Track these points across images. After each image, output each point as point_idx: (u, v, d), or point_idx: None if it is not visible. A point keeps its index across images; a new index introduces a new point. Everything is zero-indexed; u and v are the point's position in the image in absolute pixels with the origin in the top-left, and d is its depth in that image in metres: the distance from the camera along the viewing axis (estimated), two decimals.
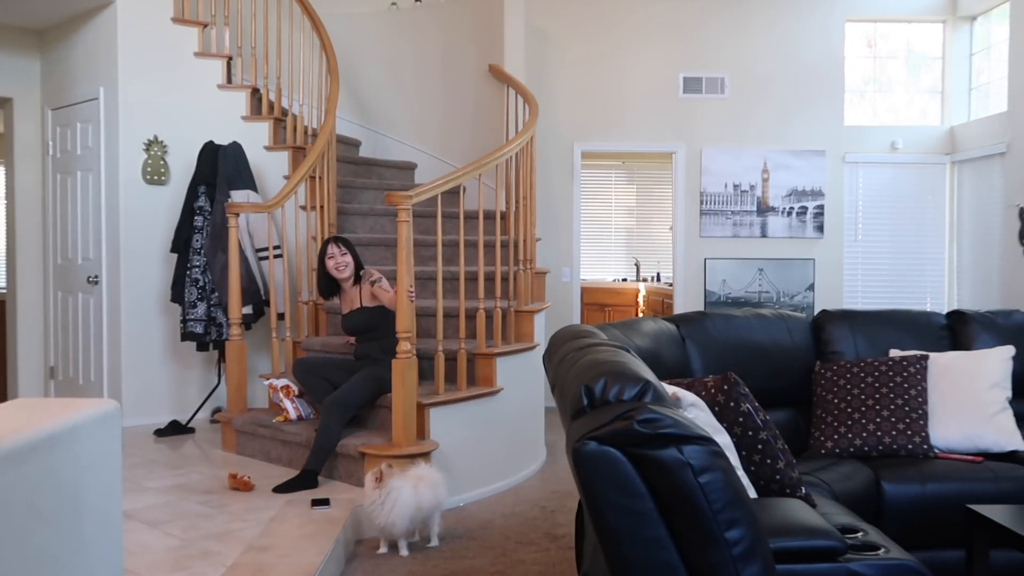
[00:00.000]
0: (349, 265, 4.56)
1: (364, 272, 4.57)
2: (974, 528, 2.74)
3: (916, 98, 7.53)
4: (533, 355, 4.98)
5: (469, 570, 3.48)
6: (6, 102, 6.44)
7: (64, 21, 6.15)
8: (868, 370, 3.59)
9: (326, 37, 5.94)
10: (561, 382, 2.24)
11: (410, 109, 6.95)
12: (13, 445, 1.64)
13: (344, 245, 4.59)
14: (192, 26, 5.96)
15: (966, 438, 3.50)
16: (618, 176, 9.74)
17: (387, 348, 4.39)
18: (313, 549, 3.29)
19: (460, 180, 4.52)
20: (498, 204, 5.51)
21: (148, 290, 5.85)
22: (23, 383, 6.51)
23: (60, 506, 1.82)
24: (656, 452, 1.70)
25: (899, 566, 2.18)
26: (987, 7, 7.06)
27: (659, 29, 7.21)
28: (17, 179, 6.46)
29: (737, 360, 3.67)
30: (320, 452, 4.15)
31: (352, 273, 4.58)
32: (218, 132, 5.86)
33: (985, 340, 3.80)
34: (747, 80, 7.22)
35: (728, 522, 1.70)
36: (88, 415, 1.96)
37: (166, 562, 3.20)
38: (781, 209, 7.23)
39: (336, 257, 4.55)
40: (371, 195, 6.18)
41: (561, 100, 7.18)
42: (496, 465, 4.65)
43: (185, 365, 5.95)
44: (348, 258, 4.57)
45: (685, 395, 2.51)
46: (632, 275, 9.60)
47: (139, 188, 5.81)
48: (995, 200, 6.81)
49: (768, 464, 2.62)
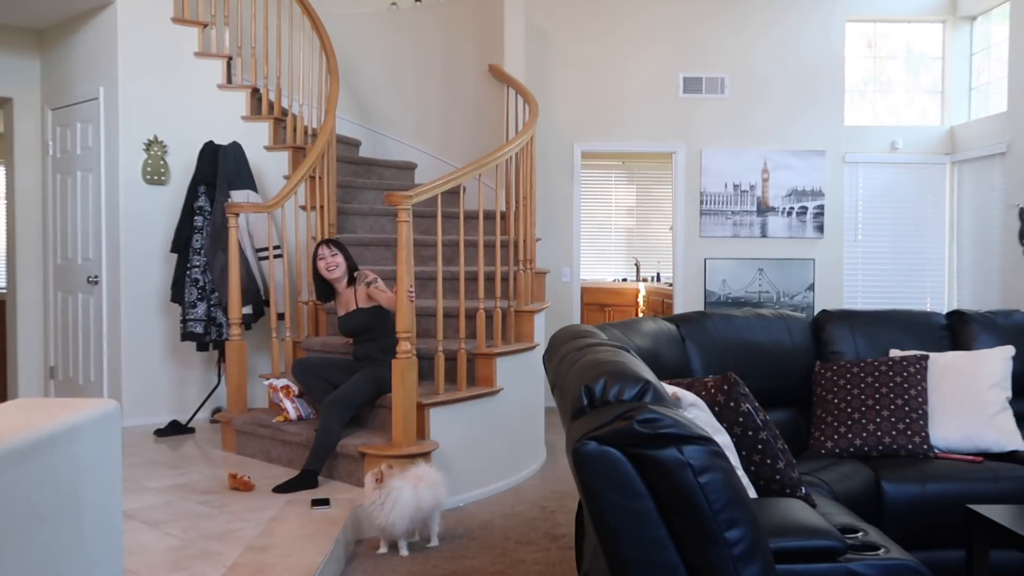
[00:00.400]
0: (339, 265, 4.54)
1: (359, 273, 4.56)
2: (974, 528, 2.74)
3: (916, 98, 7.53)
4: (533, 355, 4.98)
5: (469, 570, 3.48)
6: (6, 102, 6.44)
7: (64, 21, 6.15)
8: (868, 370, 3.59)
9: (326, 37, 5.94)
10: (561, 382, 2.24)
11: (410, 109, 6.95)
12: (13, 445, 1.64)
13: (335, 246, 4.58)
14: (192, 26, 5.96)
15: (966, 438, 3.50)
16: (618, 176, 9.74)
17: (386, 348, 4.39)
18: (313, 549, 3.29)
19: (460, 180, 4.52)
20: (498, 204, 5.51)
21: (148, 290, 5.85)
22: (23, 383, 6.51)
23: (60, 506, 1.82)
24: (656, 452, 1.70)
25: (899, 566, 2.18)
26: (987, 7, 7.06)
27: (659, 29, 7.21)
28: (17, 179, 6.47)
29: (737, 360, 3.67)
30: (320, 452, 4.15)
31: (343, 274, 4.56)
32: (218, 132, 5.86)
33: (985, 340, 3.80)
34: (747, 80, 7.22)
35: (728, 522, 1.70)
36: (88, 415, 1.96)
37: (166, 562, 3.20)
38: (781, 209, 7.23)
39: (327, 258, 4.53)
40: (371, 195, 6.18)
41: (561, 100, 7.18)
42: (496, 465, 4.65)
43: (185, 365, 5.95)
44: (339, 258, 4.55)
45: (685, 395, 2.51)
46: (632, 275, 9.60)
47: (139, 188, 5.81)
48: (995, 200, 6.81)
49: (768, 464, 2.62)
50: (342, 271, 4.55)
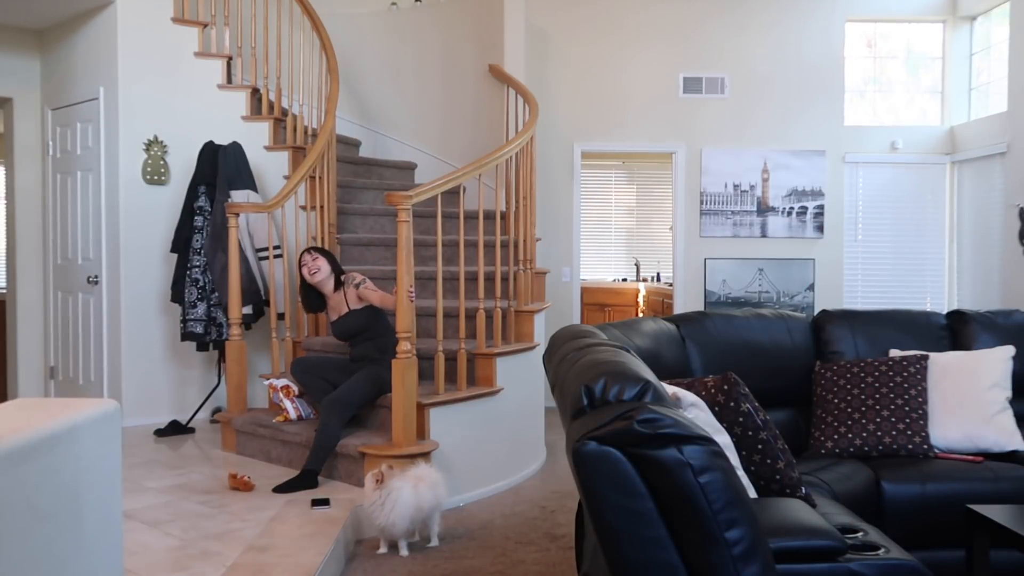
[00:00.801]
0: (321, 269, 4.51)
1: (346, 277, 4.55)
2: (974, 528, 2.74)
3: (916, 98, 7.53)
4: (533, 355, 4.98)
5: (469, 570, 3.48)
6: (6, 102, 6.44)
7: (64, 21, 6.15)
8: (868, 370, 3.59)
9: (326, 37, 5.94)
10: (561, 382, 2.24)
11: (410, 109, 6.96)
12: (13, 445, 1.64)
13: (315, 251, 4.56)
14: (192, 26, 5.96)
15: (966, 438, 3.50)
16: (618, 176, 9.74)
17: (383, 347, 4.39)
18: (313, 549, 3.29)
19: (460, 180, 4.52)
20: (498, 204, 5.51)
21: (148, 290, 5.85)
22: (23, 383, 6.51)
23: (60, 506, 1.82)
24: (656, 452, 1.70)
25: (899, 566, 2.18)
26: (987, 7, 7.06)
27: (659, 29, 7.21)
28: (17, 179, 6.47)
29: (737, 360, 3.67)
30: (320, 452, 4.15)
31: (327, 275, 4.53)
32: (218, 132, 5.86)
33: (985, 340, 3.80)
34: (747, 80, 7.22)
35: (728, 522, 1.70)
36: (88, 415, 1.96)
37: (166, 562, 3.20)
38: (781, 209, 7.23)
39: (308, 263, 4.52)
40: (371, 195, 6.18)
41: (561, 100, 7.18)
42: (496, 465, 4.65)
43: (185, 365, 5.95)
44: (320, 262, 4.52)
45: (685, 395, 2.51)
46: (632, 275, 9.60)
47: (139, 188, 5.81)
48: (995, 200, 6.81)
49: (768, 464, 2.62)
50: (325, 273, 4.53)
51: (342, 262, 5.60)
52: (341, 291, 4.53)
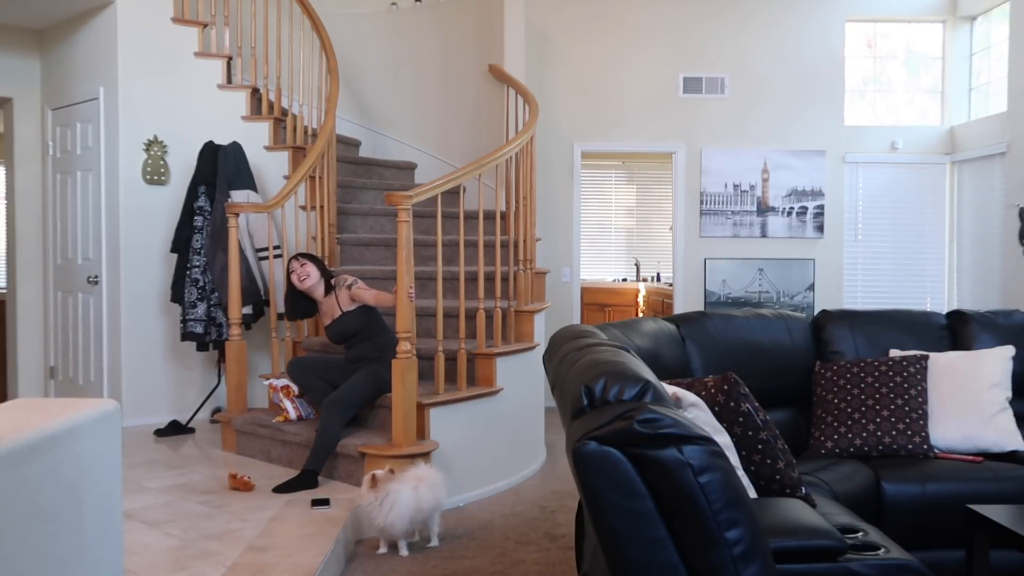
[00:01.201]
0: (311, 275, 4.51)
1: (336, 280, 4.55)
2: (974, 528, 2.74)
3: (916, 98, 7.53)
4: (533, 355, 4.98)
5: (469, 570, 3.48)
6: (6, 102, 6.44)
7: (64, 21, 6.15)
8: (868, 370, 3.59)
9: (326, 37, 5.94)
10: (561, 382, 2.24)
11: (410, 109, 6.96)
12: (13, 445, 1.64)
13: (303, 257, 4.56)
14: (192, 26, 5.96)
15: (966, 438, 3.50)
16: (618, 176, 9.74)
17: (381, 345, 4.39)
18: (313, 549, 3.29)
19: (460, 180, 4.52)
20: (498, 204, 5.51)
21: (148, 290, 5.85)
22: (23, 383, 6.51)
23: (61, 506, 1.82)
24: (656, 452, 1.70)
25: (899, 566, 2.18)
26: (987, 7, 7.06)
27: (659, 29, 7.21)
28: (17, 179, 6.47)
29: (737, 360, 3.67)
30: (320, 452, 4.15)
31: (317, 281, 4.52)
32: (218, 132, 5.86)
33: (985, 340, 3.80)
34: (747, 80, 7.22)
35: (728, 522, 1.70)
36: (88, 415, 1.96)
37: (166, 562, 3.20)
38: (781, 209, 7.23)
39: (296, 270, 4.52)
40: (371, 195, 6.18)
41: (561, 100, 7.18)
42: (496, 465, 4.65)
43: (185, 365, 5.95)
44: (308, 267, 4.52)
45: (685, 395, 2.51)
46: (632, 275, 9.60)
47: (139, 188, 5.81)
48: (995, 200, 6.81)
49: (768, 464, 2.62)
50: (315, 279, 4.52)
51: (342, 262, 5.61)
52: (332, 294, 4.53)
